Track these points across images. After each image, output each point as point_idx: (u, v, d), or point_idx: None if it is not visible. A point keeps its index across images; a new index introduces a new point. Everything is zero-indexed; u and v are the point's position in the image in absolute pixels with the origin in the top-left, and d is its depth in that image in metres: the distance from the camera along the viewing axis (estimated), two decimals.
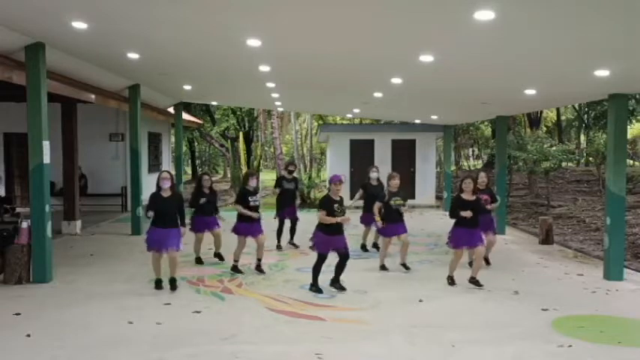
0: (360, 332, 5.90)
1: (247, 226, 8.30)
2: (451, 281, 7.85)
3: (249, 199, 8.29)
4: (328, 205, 7.23)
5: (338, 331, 5.90)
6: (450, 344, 5.53)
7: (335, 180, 7.35)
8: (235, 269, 8.43)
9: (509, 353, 5.33)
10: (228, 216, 9.69)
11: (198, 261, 9.11)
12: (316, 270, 7.40)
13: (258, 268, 8.44)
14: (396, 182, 8.62)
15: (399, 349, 5.43)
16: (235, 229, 8.41)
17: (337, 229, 7.26)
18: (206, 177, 9.22)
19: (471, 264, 8.68)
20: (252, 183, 8.40)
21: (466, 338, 5.71)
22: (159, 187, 7.40)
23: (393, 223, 8.54)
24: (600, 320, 6.47)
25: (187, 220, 7.90)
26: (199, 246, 9.14)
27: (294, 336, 5.74)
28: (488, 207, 8.62)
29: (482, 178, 8.97)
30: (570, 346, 5.52)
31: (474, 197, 7.75)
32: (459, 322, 6.29)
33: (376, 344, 5.54)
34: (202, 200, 8.81)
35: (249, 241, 8.48)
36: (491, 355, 5.32)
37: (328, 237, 7.24)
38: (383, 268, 8.75)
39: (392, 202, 8.55)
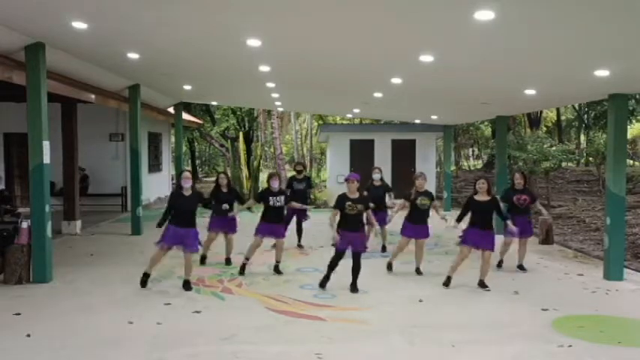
0: (360, 332, 5.90)
1: (270, 227, 8.32)
2: (447, 280, 7.74)
3: (270, 198, 8.38)
4: (340, 202, 7.39)
5: (338, 331, 5.90)
6: (450, 344, 5.53)
7: (346, 178, 7.57)
8: (242, 269, 8.37)
9: (509, 353, 5.33)
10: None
11: (203, 260, 9.04)
12: (330, 264, 7.47)
13: (276, 270, 8.45)
14: (420, 182, 8.45)
15: (399, 349, 5.43)
16: (256, 230, 8.41)
17: (354, 226, 7.29)
18: (222, 175, 9.21)
19: (499, 264, 8.66)
20: (274, 184, 8.46)
21: (466, 338, 5.71)
22: (180, 186, 7.56)
23: (415, 224, 8.40)
24: (600, 320, 6.46)
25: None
26: (209, 245, 9.03)
27: (294, 336, 5.74)
28: (539, 208, 8.65)
29: (518, 179, 8.82)
30: (570, 346, 5.52)
31: (488, 198, 7.65)
32: (459, 322, 6.29)
33: (376, 344, 5.54)
34: (224, 206, 8.72)
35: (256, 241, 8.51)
36: (492, 355, 5.32)
37: (345, 233, 7.30)
38: (389, 267, 8.67)
39: (418, 202, 8.40)
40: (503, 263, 9.00)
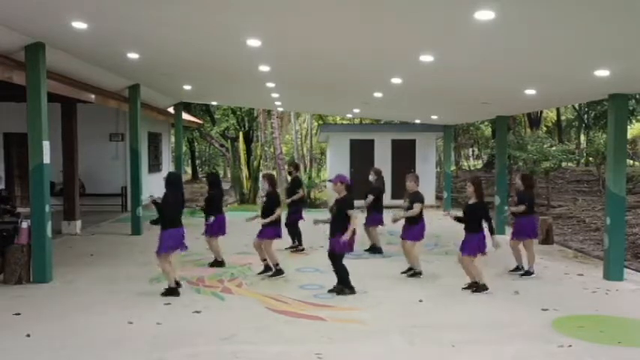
0: (360, 332, 5.90)
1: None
2: (468, 286, 7.56)
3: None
4: None
5: (338, 331, 5.90)
6: (450, 344, 5.53)
7: (330, 180, 7.56)
8: (267, 269, 8.37)
9: (509, 353, 5.33)
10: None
11: (215, 265, 8.92)
12: (335, 272, 7.42)
13: (266, 268, 8.43)
14: (407, 184, 8.45)
15: (398, 349, 5.43)
16: None
17: (331, 230, 7.25)
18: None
19: (516, 269, 8.63)
20: (262, 185, 8.61)
21: (466, 338, 5.71)
22: None
23: (405, 224, 8.41)
24: (600, 320, 6.46)
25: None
26: (214, 249, 8.99)
27: (294, 336, 5.74)
28: (512, 209, 8.63)
29: (517, 180, 8.87)
30: (570, 346, 5.52)
31: (471, 201, 7.58)
32: (459, 322, 6.29)
33: (376, 344, 5.54)
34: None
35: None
36: (492, 355, 5.32)
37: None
38: (410, 270, 8.51)
39: (402, 203, 8.55)
40: (523, 269, 8.59)
